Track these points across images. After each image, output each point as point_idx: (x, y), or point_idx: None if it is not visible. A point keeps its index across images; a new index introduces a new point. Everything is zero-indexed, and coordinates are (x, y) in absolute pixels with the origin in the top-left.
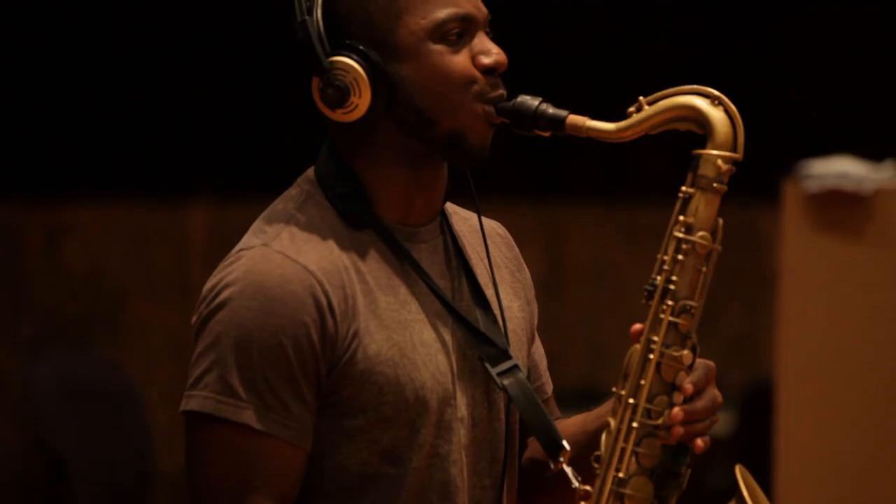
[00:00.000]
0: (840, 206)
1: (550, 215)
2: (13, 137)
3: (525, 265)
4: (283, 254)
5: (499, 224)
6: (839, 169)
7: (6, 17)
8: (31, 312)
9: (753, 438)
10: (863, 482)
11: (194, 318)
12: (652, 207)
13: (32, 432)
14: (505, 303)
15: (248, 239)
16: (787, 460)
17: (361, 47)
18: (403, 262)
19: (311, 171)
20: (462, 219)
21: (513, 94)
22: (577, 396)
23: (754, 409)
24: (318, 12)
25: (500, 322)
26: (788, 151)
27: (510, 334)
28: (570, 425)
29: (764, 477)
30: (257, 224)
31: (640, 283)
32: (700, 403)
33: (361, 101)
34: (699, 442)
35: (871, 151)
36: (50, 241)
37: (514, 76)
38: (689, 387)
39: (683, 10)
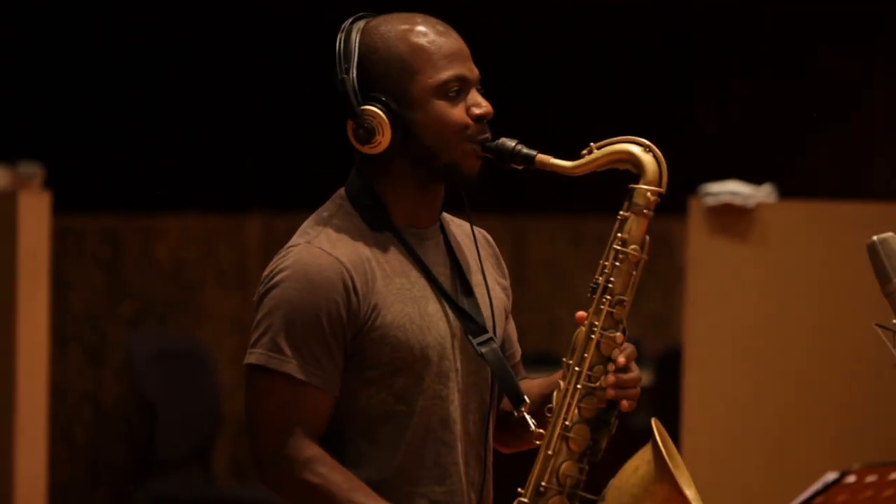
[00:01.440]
0: (731, 217)
1: (516, 224)
2: (118, 165)
3: (503, 262)
4: (321, 249)
5: (484, 231)
6: (730, 189)
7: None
8: (130, 296)
9: (667, 390)
10: (749, 422)
11: (256, 296)
12: (593, 218)
13: (132, 385)
14: (491, 288)
15: (296, 238)
16: (691, 406)
17: (384, 98)
18: (412, 256)
19: (342, 190)
20: (457, 225)
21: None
22: (536, 360)
23: (668, 368)
24: (353, 72)
25: (488, 302)
26: (693, 176)
27: (495, 313)
28: (532, 385)
29: (674, 418)
30: (303, 227)
31: (583, 275)
32: (630, 375)
33: (384, 140)
34: (625, 403)
35: (754, 176)
36: (144, 242)
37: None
38: (622, 359)
39: (608, 62)
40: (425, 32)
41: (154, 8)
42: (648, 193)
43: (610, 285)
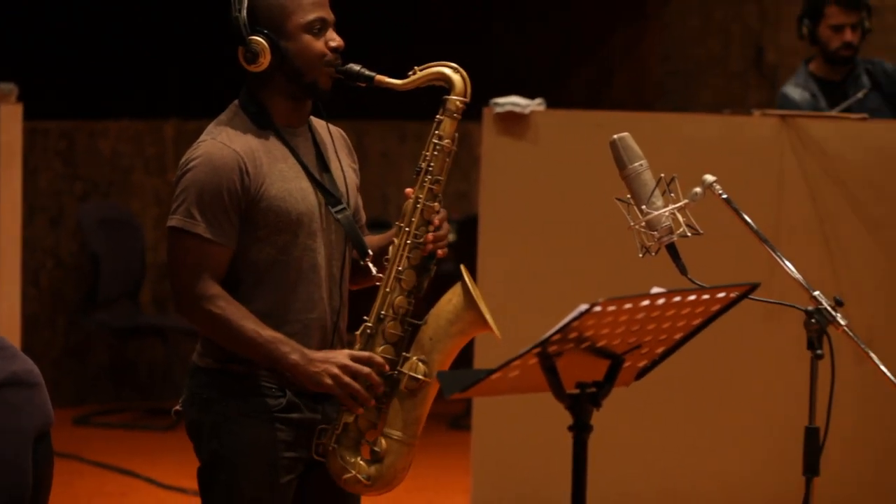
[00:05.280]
0: (512, 121)
1: (358, 125)
2: (73, 83)
3: (354, 152)
4: (222, 143)
5: (340, 129)
6: (512, 101)
7: None
8: (80, 178)
9: (465, 247)
10: (527, 270)
11: (175, 177)
12: (414, 121)
13: (82, 243)
14: (345, 171)
15: (204, 136)
16: (483, 259)
17: (266, 31)
18: (289, 147)
19: (237, 101)
20: (321, 125)
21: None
22: (372, 224)
23: (467, 230)
24: (244, 11)
25: (343, 180)
26: (485, 92)
27: (349, 188)
28: (372, 241)
29: (471, 268)
30: (209, 128)
31: (407, 164)
32: (442, 231)
33: (265, 61)
34: (440, 252)
35: (527, 92)
36: (91, 139)
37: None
38: (437, 221)
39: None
40: None
41: None
42: (458, 102)
43: (430, 168)
